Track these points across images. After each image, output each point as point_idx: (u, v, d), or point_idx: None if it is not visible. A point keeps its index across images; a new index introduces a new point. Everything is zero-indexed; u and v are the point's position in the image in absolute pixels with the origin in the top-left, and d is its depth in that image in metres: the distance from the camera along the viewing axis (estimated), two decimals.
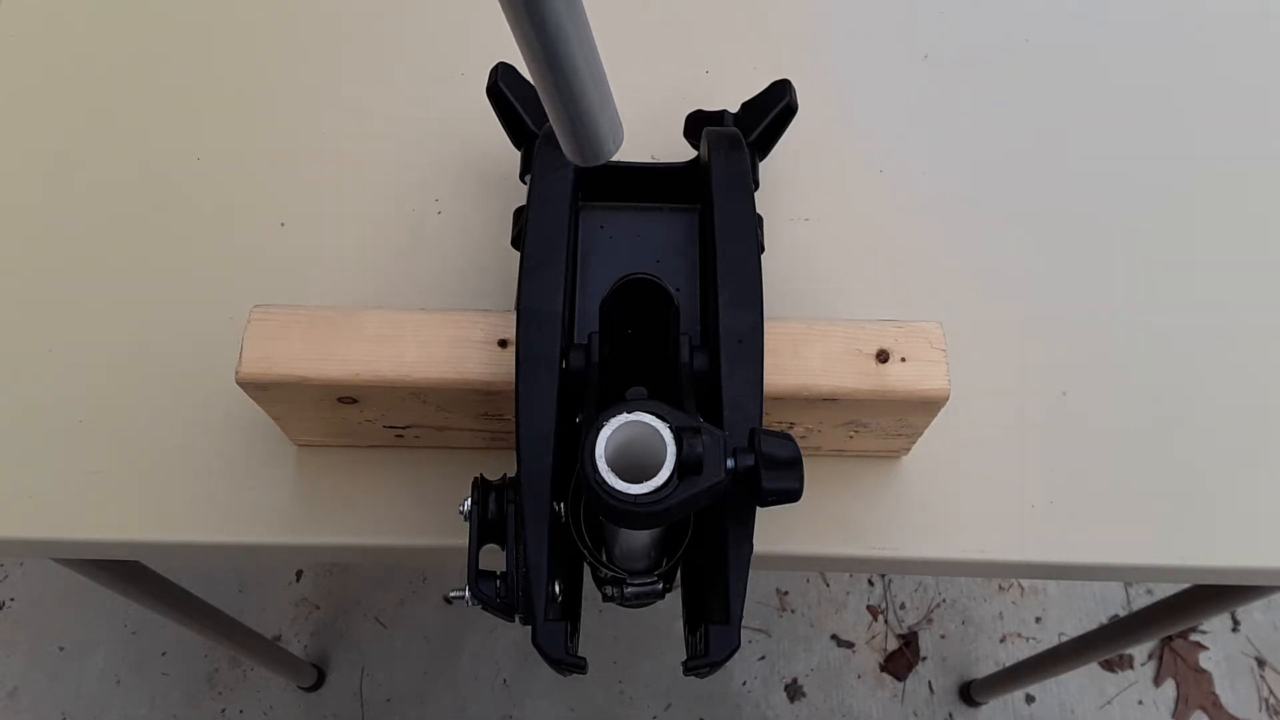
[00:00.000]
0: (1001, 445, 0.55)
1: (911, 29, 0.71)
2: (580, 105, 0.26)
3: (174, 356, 0.56)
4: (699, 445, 0.33)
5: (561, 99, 0.26)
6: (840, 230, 0.62)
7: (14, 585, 1.32)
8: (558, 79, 0.25)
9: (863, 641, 1.30)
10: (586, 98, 0.26)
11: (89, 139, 0.65)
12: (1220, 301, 0.60)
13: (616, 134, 0.29)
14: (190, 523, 0.52)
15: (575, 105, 0.26)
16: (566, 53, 0.24)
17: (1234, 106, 0.68)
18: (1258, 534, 0.53)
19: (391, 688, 1.27)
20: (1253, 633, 1.31)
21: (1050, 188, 0.64)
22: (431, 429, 0.51)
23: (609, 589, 0.44)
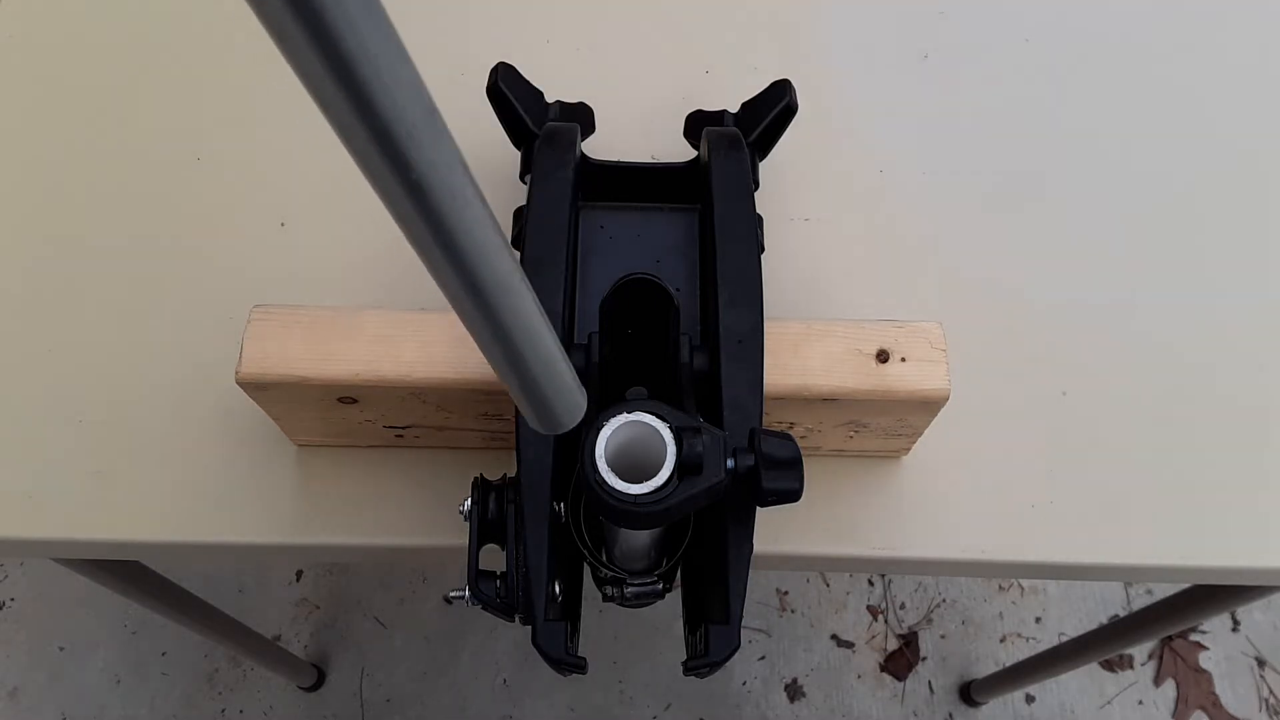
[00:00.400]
0: (1001, 445, 0.55)
1: (911, 29, 0.71)
2: (532, 387, 0.26)
3: (174, 356, 0.56)
4: (699, 445, 0.33)
5: (514, 381, 0.25)
6: (840, 230, 0.62)
7: (14, 585, 1.32)
8: (507, 361, 0.24)
9: (863, 641, 1.30)
10: (537, 380, 0.26)
11: (89, 139, 0.65)
12: (1221, 301, 0.60)
13: (573, 410, 0.28)
14: (190, 523, 0.52)
15: (528, 387, 0.26)
16: (512, 339, 0.23)
17: (1235, 106, 0.68)
18: (1258, 534, 0.53)
19: (391, 688, 1.27)
20: (1253, 633, 1.30)
21: (1050, 187, 0.64)
22: (431, 429, 0.51)
23: (609, 589, 0.44)
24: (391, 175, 0.17)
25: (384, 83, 0.15)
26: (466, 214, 0.18)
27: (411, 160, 0.16)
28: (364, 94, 0.15)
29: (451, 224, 0.18)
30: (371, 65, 0.15)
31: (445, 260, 0.19)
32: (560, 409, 0.27)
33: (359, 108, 0.16)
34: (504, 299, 0.21)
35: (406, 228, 0.19)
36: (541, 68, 0.56)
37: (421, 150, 0.17)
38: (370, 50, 0.14)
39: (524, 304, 0.22)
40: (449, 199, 0.17)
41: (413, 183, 0.16)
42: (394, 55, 0.15)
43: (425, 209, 0.18)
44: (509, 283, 0.21)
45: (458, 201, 0.18)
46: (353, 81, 0.15)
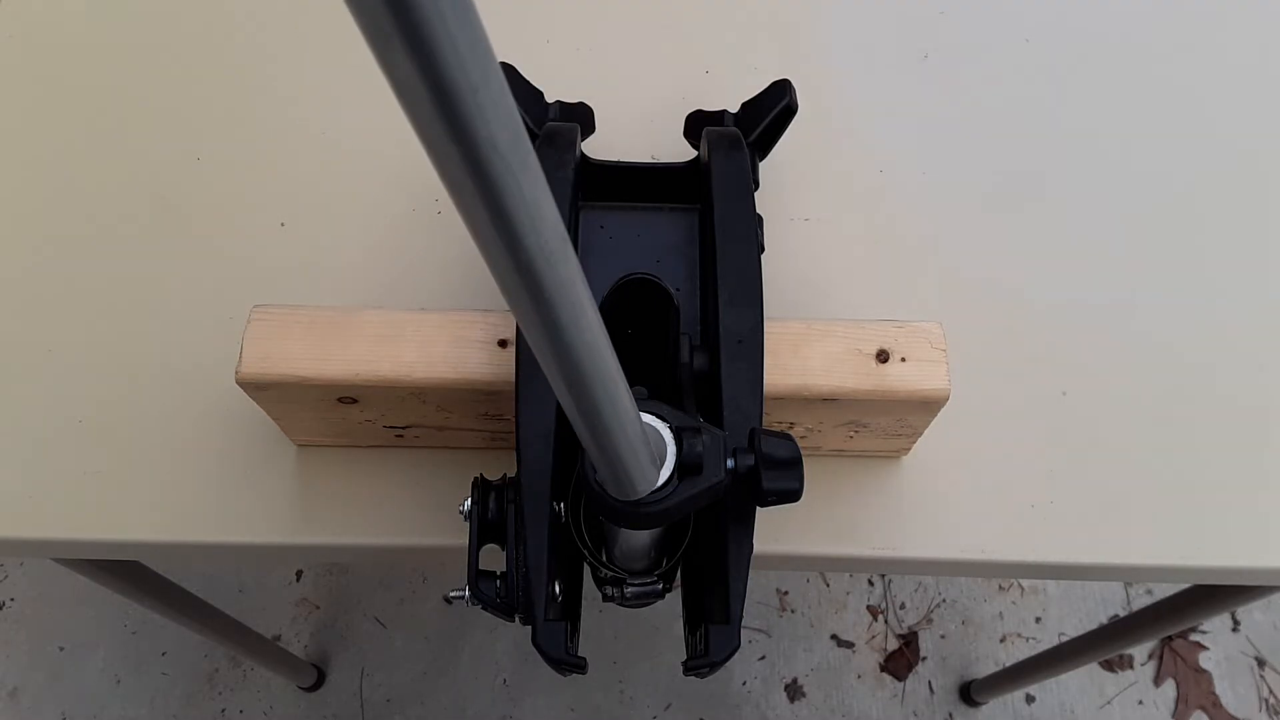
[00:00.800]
0: (1001, 445, 0.55)
1: (911, 29, 0.71)
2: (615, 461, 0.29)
3: (174, 356, 0.56)
4: (699, 445, 0.33)
5: (598, 453, 0.29)
6: (840, 230, 0.62)
7: (14, 585, 1.32)
8: (593, 434, 0.27)
9: (863, 641, 1.30)
10: (621, 457, 0.29)
11: (89, 139, 0.65)
12: (1221, 301, 0.60)
13: (644, 483, 0.31)
14: (190, 523, 0.52)
15: (611, 461, 0.29)
16: (604, 419, 0.26)
17: (1235, 106, 0.68)
18: (1257, 534, 0.53)
19: (391, 688, 1.27)
20: (1253, 633, 1.30)
21: (1050, 187, 0.64)
22: (431, 429, 0.51)
23: (609, 589, 0.44)
24: (527, 295, 0.20)
25: (535, 229, 0.18)
26: (582, 321, 0.22)
27: (544, 284, 0.20)
28: (516, 238, 0.18)
29: (568, 329, 0.22)
30: (531, 223, 0.18)
31: (555, 357, 0.23)
32: (636, 478, 0.30)
33: (517, 266, 0.19)
34: (603, 391, 0.25)
35: (529, 330, 0.22)
36: (541, 68, 0.56)
37: (555, 270, 0.19)
38: (527, 197, 0.17)
39: (620, 396, 0.26)
40: (570, 312, 0.21)
41: (544, 299, 0.20)
42: (543, 199, 0.18)
43: (550, 321, 0.21)
44: (611, 379, 0.25)
45: (576, 311, 0.21)
46: (515, 243, 0.19)
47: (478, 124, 0.15)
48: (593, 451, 0.29)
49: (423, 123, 0.15)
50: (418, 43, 0.14)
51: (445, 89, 0.14)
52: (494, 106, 0.15)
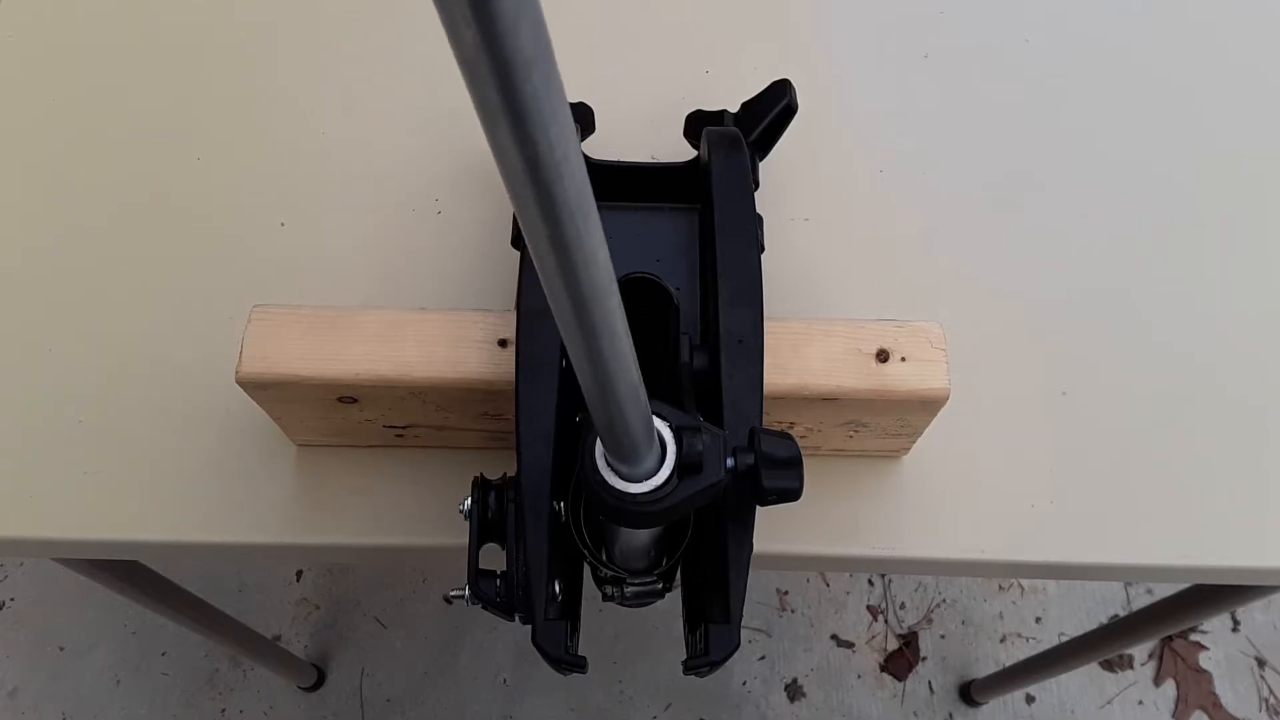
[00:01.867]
0: (1001, 445, 0.55)
1: (911, 29, 0.71)
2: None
3: (174, 356, 0.56)
4: (699, 444, 0.33)
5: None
6: (840, 230, 0.62)
7: (14, 585, 1.32)
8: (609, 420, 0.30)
9: (863, 641, 1.30)
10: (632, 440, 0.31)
11: (89, 139, 0.65)
12: (1221, 301, 0.60)
13: (644, 467, 0.33)
14: (190, 523, 0.52)
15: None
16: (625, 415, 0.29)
17: (1236, 106, 0.68)
18: (1257, 534, 0.53)
19: (391, 687, 1.27)
20: (1253, 633, 1.30)
21: (1050, 187, 0.64)
22: (431, 429, 0.51)
23: (609, 588, 0.44)
24: (581, 334, 0.25)
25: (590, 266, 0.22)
26: (616, 347, 0.26)
27: (596, 322, 0.24)
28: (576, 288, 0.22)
29: (606, 353, 0.26)
30: (588, 261, 0.22)
31: (593, 373, 0.27)
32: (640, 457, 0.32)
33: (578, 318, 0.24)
34: (624, 382, 0.28)
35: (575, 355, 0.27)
36: None
37: (604, 312, 0.24)
38: (586, 244, 0.21)
39: (635, 383, 0.29)
40: (610, 335, 0.25)
41: (587, 322, 0.24)
42: (599, 245, 0.22)
43: (597, 349, 0.26)
44: (632, 379, 0.28)
45: (616, 339, 0.26)
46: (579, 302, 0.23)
47: (557, 186, 0.19)
48: (600, 414, 0.29)
49: (515, 184, 0.19)
50: (521, 120, 0.17)
51: (537, 161, 0.18)
52: (571, 174, 0.19)
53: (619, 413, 0.29)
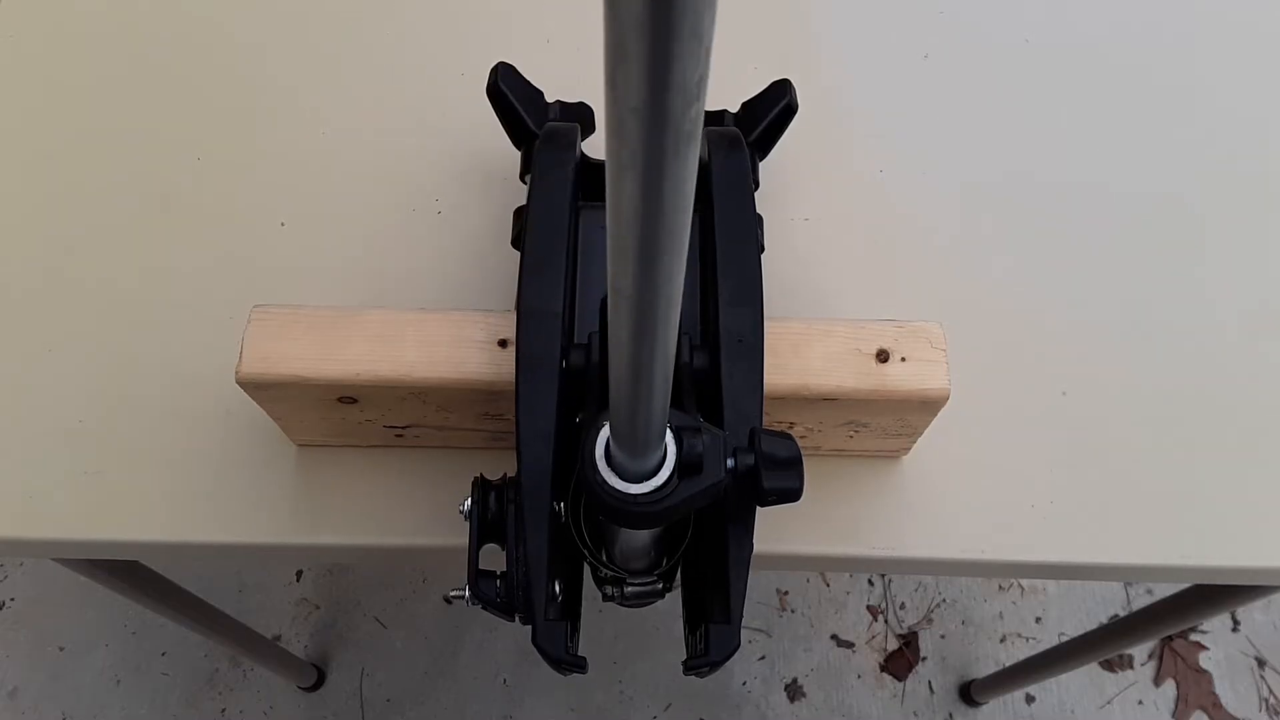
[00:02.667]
0: (1001, 445, 0.55)
1: (911, 29, 0.71)
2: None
3: (174, 356, 0.56)
4: (699, 444, 0.33)
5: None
6: (840, 230, 0.62)
7: (14, 585, 1.32)
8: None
9: (863, 641, 1.30)
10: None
11: (89, 138, 0.65)
12: (1221, 301, 0.60)
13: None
14: (190, 523, 0.52)
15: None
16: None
17: (1236, 107, 0.68)
18: (1257, 533, 0.53)
19: (391, 687, 1.27)
20: (1253, 633, 1.30)
21: (1050, 187, 0.64)
22: (431, 429, 0.51)
23: (609, 589, 0.44)
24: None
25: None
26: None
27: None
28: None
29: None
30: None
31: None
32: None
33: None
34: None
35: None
36: (541, 68, 0.56)
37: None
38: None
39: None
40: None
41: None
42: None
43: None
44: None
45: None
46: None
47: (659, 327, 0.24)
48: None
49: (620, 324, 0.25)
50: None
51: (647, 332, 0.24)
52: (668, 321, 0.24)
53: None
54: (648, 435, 0.30)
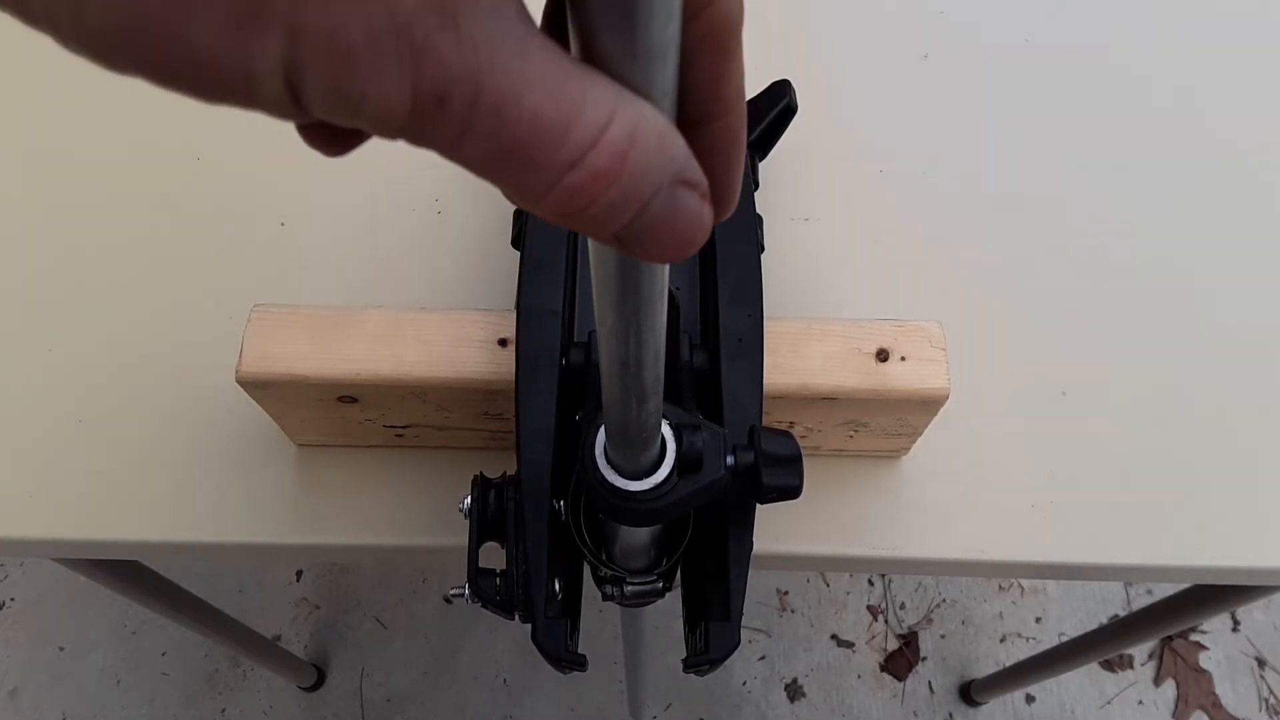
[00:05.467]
0: (1001, 445, 0.55)
1: (911, 29, 0.71)
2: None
3: (174, 356, 0.56)
4: (698, 442, 0.33)
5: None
6: (840, 230, 0.62)
7: (14, 585, 1.32)
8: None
9: (863, 641, 1.30)
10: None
11: (89, 139, 0.65)
12: (1221, 301, 0.60)
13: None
14: (190, 523, 0.52)
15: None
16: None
17: (1235, 106, 0.68)
18: (1258, 533, 0.53)
19: (391, 687, 1.27)
20: (1253, 633, 1.31)
21: (1050, 187, 0.64)
22: (431, 428, 0.51)
23: (609, 588, 0.44)
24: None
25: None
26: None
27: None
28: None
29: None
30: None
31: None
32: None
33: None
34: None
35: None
36: None
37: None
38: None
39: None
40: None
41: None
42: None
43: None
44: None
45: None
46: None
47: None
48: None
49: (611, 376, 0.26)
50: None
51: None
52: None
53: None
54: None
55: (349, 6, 0.12)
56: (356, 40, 0.13)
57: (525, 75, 0.14)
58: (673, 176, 0.16)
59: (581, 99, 0.14)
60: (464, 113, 0.14)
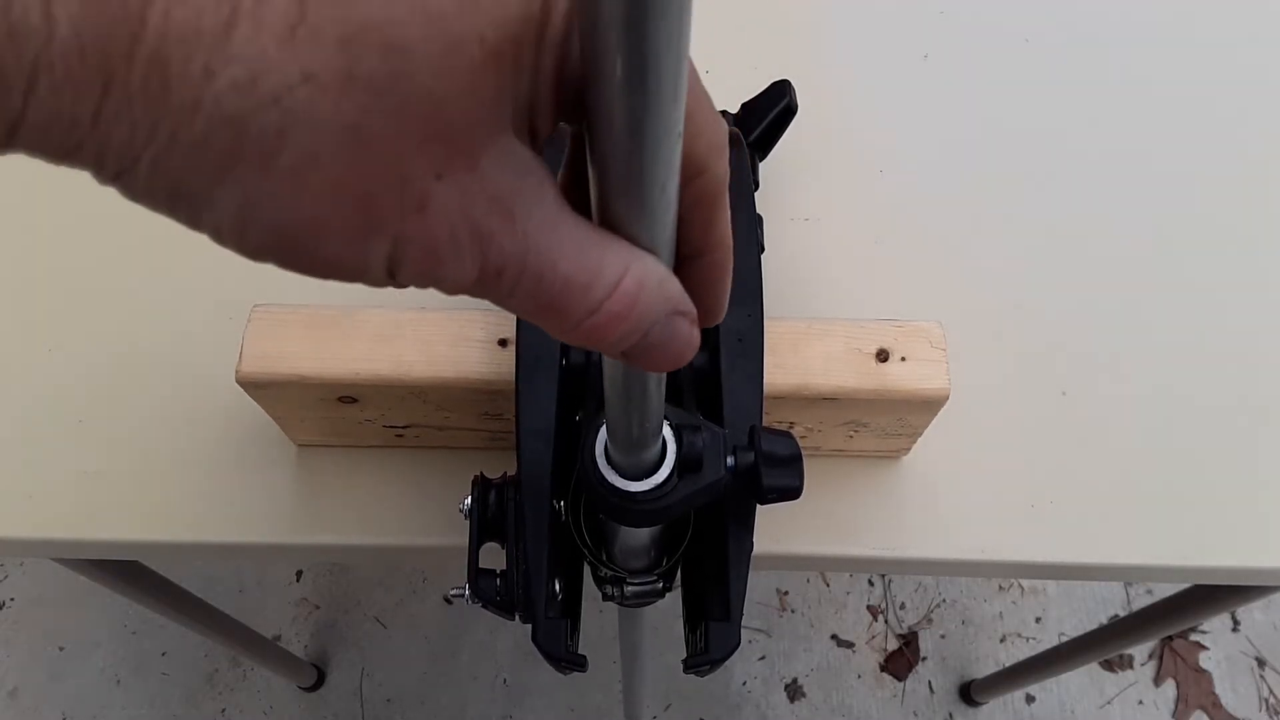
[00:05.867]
0: (1001, 445, 0.55)
1: (911, 29, 0.71)
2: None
3: (174, 356, 0.56)
4: (699, 442, 0.33)
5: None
6: (840, 230, 0.62)
7: (14, 585, 1.32)
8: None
9: (863, 641, 1.30)
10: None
11: None
12: (1221, 301, 0.60)
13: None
14: (190, 523, 0.52)
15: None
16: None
17: (1235, 105, 0.68)
18: (1258, 534, 0.53)
19: (391, 687, 1.27)
20: (1253, 633, 1.31)
21: (1050, 187, 0.64)
22: (431, 428, 0.51)
23: (609, 588, 0.44)
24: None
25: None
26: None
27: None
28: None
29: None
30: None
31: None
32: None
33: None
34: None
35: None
36: None
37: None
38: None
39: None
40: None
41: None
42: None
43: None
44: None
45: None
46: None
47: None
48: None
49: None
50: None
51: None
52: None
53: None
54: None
55: (438, 217, 0.17)
56: (442, 241, 0.17)
57: (559, 249, 0.18)
58: (669, 310, 0.20)
59: (601, 262, 0.19)
60: (513, 281, 0.18)
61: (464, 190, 0.17)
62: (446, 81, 0.16)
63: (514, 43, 0.17)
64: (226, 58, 0.14)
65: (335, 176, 0.16)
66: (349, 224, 0.16)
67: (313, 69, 0.15)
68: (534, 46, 0.17)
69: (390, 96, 0.15)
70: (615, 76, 0.16)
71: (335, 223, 0.16)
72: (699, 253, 0.21)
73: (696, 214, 0.21)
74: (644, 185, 0.18)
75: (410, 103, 0.16)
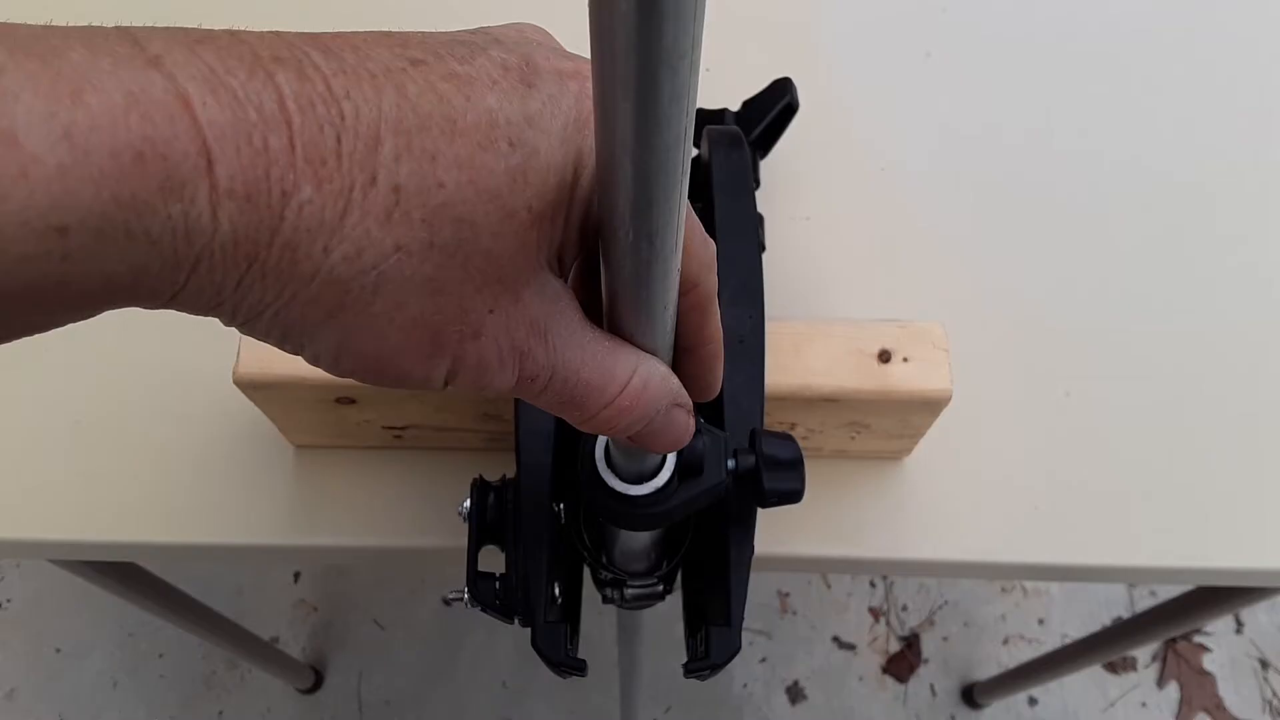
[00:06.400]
0: (1004, 446, 0.55)
1: (913, 27, 0.70)
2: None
3: (173, 356, 0.56)
4: (699, 446, 0.33)
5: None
6: (841, 229, 0.61)
7: (11, 586, 1.32)
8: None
9: (864, 643, 1.30)
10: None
11: None
12: (1223, 301, 0.60)
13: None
14: (188, 524, 0.52)
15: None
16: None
17: (1236, 105, 0.67)
18: (1261, 535, 0.53)
19: (390, 690, 1.26)
20: (1256, 634, 1.30)
21: (1051, 187, 0.64)
22: (430, 429, 0.51)
23: (609, 591, 0.44)
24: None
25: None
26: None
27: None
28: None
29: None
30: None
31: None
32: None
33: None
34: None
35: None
36: None
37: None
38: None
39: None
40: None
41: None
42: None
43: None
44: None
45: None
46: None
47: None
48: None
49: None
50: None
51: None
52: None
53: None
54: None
55: (489, 341, 0.21)
56: (491, 360, 0.22)
57: (581, 359, 0.23)
58: (670, 403, 0.25)
59: (614, 366, 0.23)
60: (543, 386, 0.23)
61: (509, 318, 0.21)
62: (501, 242, 0.20)
63: (552, 206, 0.21)
64: (340, 238, 0.19)
65: (414, 316, 0.20)
66: (421, 350, 0.21)
67: (404, 242, 0.19)
68: (566, 206, 0.21)
69: (459, 255, 0.20)
70: (626, 241, 0.20)
71: (410, 350, 0.21)
72: (694, 346, 0.26)
73: (692, 318, 0.25)
74: (648, 306, 0.23)
75: (473, 259, 0.20)
